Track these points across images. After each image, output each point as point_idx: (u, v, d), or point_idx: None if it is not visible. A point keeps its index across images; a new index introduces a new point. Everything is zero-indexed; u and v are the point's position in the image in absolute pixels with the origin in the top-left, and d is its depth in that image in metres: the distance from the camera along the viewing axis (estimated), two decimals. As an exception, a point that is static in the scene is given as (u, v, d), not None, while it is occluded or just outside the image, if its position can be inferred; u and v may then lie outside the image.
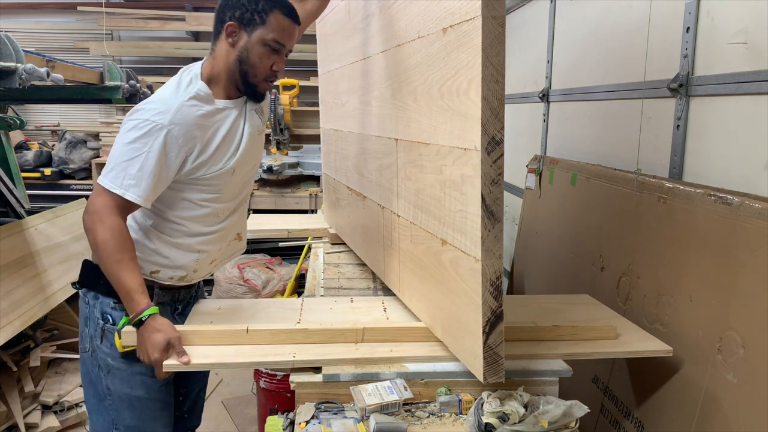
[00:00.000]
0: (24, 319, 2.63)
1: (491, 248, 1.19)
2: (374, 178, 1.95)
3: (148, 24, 5.82)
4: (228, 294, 4.42)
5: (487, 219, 1.18)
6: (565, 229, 2.53)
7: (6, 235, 2.90)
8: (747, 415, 1.37)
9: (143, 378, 1.62)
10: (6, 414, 2.70)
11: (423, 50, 1.43)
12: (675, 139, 1.90)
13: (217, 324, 1.62)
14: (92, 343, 1.63)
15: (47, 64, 2.71)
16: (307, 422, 1.33)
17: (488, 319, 1.22)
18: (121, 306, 1.58)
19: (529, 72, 3.43)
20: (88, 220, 1.48)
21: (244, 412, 3.33)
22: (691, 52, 1.82)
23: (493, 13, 1.11)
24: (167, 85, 1.58)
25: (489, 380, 1.26)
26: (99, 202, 1.47)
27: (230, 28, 1.56)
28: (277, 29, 1.55)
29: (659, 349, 1.52)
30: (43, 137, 5.93)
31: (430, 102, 1.40)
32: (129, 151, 1.47)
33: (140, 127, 1.47)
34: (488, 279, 1.20)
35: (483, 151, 1.16)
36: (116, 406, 1.63)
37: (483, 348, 1.23)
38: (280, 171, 4.87)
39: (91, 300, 1.63)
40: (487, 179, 1.17)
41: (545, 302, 1.84)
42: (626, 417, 1.80)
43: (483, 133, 1.15)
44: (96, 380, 1.64)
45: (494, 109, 1.15)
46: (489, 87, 1.14)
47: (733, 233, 1.47)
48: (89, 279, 1.64)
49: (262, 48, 1.56)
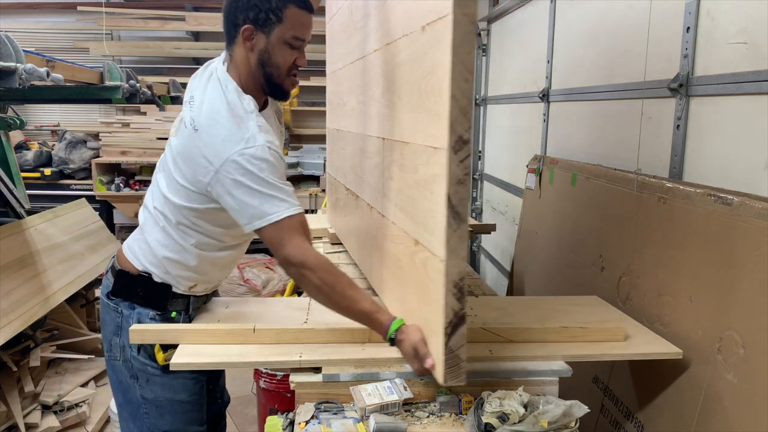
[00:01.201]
0: (24, 319, 2.63)
1: (456, 249, 1.17)
2: (366, 178, 1.95)
3: (148, 24, 5.82)
4: (228, 294, 4.42)
5: (452, 219, 1.16)
6: (565, 229, 2.53)
7: (6, 235, 2.90)
8: (747, 415, 1.37)
9: (185, 382, 1.63)
10: (6, 414, 2.70)
11: (407, 48, 1.42)
12: (675, 139, 1.90)
13: (224, 323, 1.62)
14: (124, 353, 1.62)
15: (47, 64, 2.71)
16: (306, 422, 1.33)
17: (450, 321, 1.20)
18: (161, 316, 1.61)
19: (529, 72, 3.43)
20: (295, 273, 1.43)
21: (244, 412, 3.33)
22: (691, 52, 1.82)
23: (464, 10, 1.10)
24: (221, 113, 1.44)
25: (448, 383, 1.25)
26: (288, 250, 1.40)
27: (246, 32, 1.47)
28: (296, 24, 1.48)
29: (668, 351, 1.52)
30: (43, 137, 5.93)
31: (411, 101, 1.39)
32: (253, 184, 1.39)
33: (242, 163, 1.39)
34: (451, 280, 1.18)
35: (450, 150, 1.14)
36: (154, 413, 1.63)
37: (444, 350, 1.22)
38: (280, 171, 4.87)
39: (125, 310, 1.61)
40: (453, 179, 1.15)
41: (553, 303, 1.84)
42: (626, 417, 1.80)
43: (450, 131, 1.14)
44: (128, 389, 1.64)
45: (462, 108, 1.13)
46: (458, 85, 1.12)
47: (733, 233, 1.47)
48: (126, 289, 1.62)
49: (283, 47, 1.49)
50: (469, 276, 2.33)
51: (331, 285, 1.41)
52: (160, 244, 1.58)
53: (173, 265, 1.59)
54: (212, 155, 1.41)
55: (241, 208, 1.42)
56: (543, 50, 3.12)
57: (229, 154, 1.39)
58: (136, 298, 1.60)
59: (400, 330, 1.39)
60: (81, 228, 3.62)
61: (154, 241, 1.59)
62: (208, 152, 1.42)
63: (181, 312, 1.65)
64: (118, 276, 1.63)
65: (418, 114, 1.34)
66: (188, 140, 1.46)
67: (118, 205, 5.38)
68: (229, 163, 1.39)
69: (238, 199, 1.41)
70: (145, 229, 1.63)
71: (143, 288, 1.60)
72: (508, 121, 3.92)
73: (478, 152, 4.64)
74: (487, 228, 3.11)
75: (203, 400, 1.73)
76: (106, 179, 5.35)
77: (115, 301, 1.63)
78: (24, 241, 3.00)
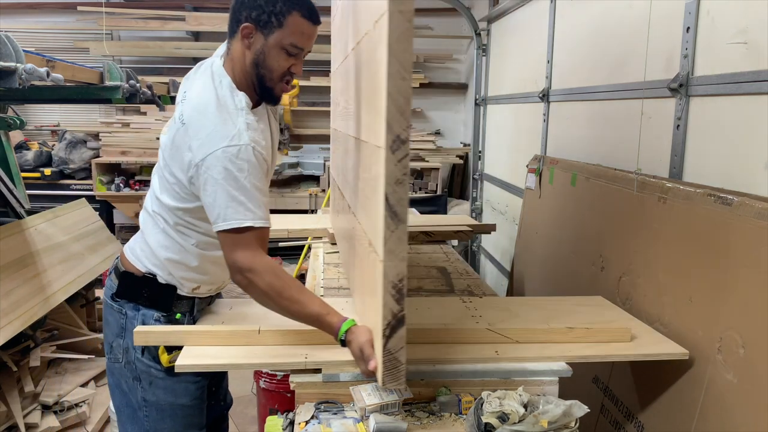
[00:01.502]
0: (24, 319, 2.63)
1: (394, 249, 1.16)
2: (348, 177, 1.95)
3: (148, 24, 5.81)
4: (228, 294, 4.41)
5: (390, 219, 1.14)
6: (565, 229, 2.53)
7: (6, 235, 2.90)
8: (747, 415, 1.37)
9: (187, 386, 1.63)
10: (6, 414, 2.70)
11: (366, 47, 1.41)
12: (675, 139, 1.90)
13: (229, 324, 1.61)
14: (127, 355, 1.61)
15: (47, 64, 2.71)
16: (306, 422, 1.33)
17: (389, 323, 1.19)
18: (166, 318, 1.60)
19: (529, 72, 3.43)
20: (242, 280, 1.41)
21: (244, 412, 3.33)
22: (691, 52, 1.82)
23: (400, 7, 1.08)
24: (209, 108, 1.44)
25: (387, 386, 1.23)
26: (239, 256, 1.39)
27: (246, 30, 1.46)
28: (296, 32, 1.46)
29: (675, 352, 1.52)
30: (43, 137, 5.93)
31: (368, 99, 1.39)
32: (228, 185, 1.38)
33: (223, 160, 1.37)
34: (390, 281, 1.17)
35: (387, 150, 1.13)
36: (154, 416, 1.63)
37: (383, 352, 1.20)
38: (280, 171, 4.87)
39: (129, 311, 1.61)
40: (391, 178, 1.13)
41: (558, 304, 1.83)
42: (626, 417, 1.80)
43: (388, 130, 1.12)
44: (129, 391, 1.64)
45: (400, 106, 1.11)
46: (394, 83, 1.10)
47: (733, 233, 1.47)
48: (130, 291, 1.61)
49: (279, 52, 1.47)
50: (468, 276, 2.33)
51: (278, 290, 1.39)
52: (161, 245, 1.58)
53: (175, 267, 1.59)
54: (196, 148, 1.41)
55: (211, 206, 1.40)
56: (543, 50, 3.12)
57: (212, 149, 1.38)
58: (141, 300, 1.60)
59: (350, 331, 1.37)
60: (81, 228, 3.62)
61: (155, 243, 1.59)
62: (193, 145, 1.41)
63: (186, 314, 1.65)
64: (123, 277, 1.63)
65: (370, 113, 1.33)
66: (176, 135, 1.46)
67: (118, 205, 5.38)
68: (211, 159, 1.38)
69: (210, 195, 1.40)
70: (145, 232, 1.62)
71: (148, 289, 1.59)
72: (508, 121, 3.92)
73: (478, 152, 4.64)
74: (487, 228, 3.11)
75: (204, 405, 1.72)
76: (106, 179, 5.35)
77: (120, 303, 1.62)
78: (24, 241, 3.00)
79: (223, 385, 1.99)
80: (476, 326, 1.57)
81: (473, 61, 4.70)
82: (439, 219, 3.38)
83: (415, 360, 1.43)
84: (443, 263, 2.50)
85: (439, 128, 6.06)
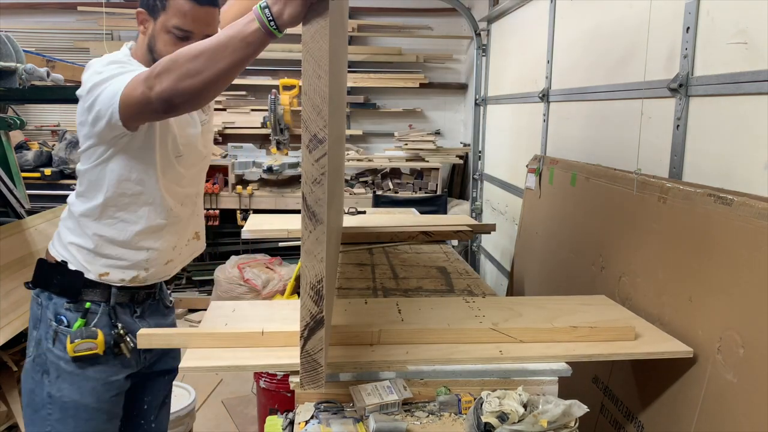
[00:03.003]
0: (24, 319, 2.62)
1: (312, 250, 1.14)
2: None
3: (148, 24, 5.82)
4: (228, 294, 4.42)
5: (308, 219, 1.13)
6: (565, 229, 2.53)
7: (6, 235, 2.90)
8: (747, 415, 1.37)
9: (95, 385, 1.58)
10: (6, 414, 2.70)
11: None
12: (675, 139, 1.90)
13: (232, 326, 1.61)
14: (39, 347, 1.58)
15: (47, 64, 2.71)
16: (306, 422, 1.33)
17: (307, 324, 1.18)
18: (75, 307, 1.56)
19: (529, 72, 3.43)
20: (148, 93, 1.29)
21: (244, 412, 3.33)
22: (691, 52, 1.82)
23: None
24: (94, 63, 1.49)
25: (306, 388, 1.23)
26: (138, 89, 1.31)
27: (140, 15, 1.52)
28: (179, 14, 1.46)
29: (679, 350, 1.51)
30: (43, 137, 5.93)
31: None
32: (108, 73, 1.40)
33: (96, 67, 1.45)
34: (308, 282, 1.16)
35: (305, 149, 1.12)
36: (56, 415, 1.56)
37: (301, 353, 1.20)
38: (280, 171, 4.87)
39: (44, 301, 1.58)
40: (308, 178, 1.12)
41: (561, 303, 1.83)
42: (626, 417, 1.80)
43: (305, 130, 1.12)
44: (35, 387, 1.58)
45: (316, 105, 1.10)
46: (310, 83, 1.09)
47: (733, 233, 1.47)
48: (43, 278, 1.59)
49: (166, 35, 1.48)
50: (468, 276, 2.33)
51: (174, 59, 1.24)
52: (66, 228, 1.60)
53: (77, 250, 1.58)
54: (84, 89, 1.45)
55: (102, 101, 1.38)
56: (543, 50, 3.12)
57: (92, 70, 1.45)
58: (53, 288, 1.57)
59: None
60: (81, 228, 3.62)
61: (64, 228, 1.62)
62: (81, 92, 1.46)
63: (100, 303, 1.59)
64: (38, 265, 1.61)
65: None
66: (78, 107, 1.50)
67: (118, 205, 5.38)
68: (89, 77, 1.43)
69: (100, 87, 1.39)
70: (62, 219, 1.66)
71: (59, 276, 1.56)
72: (508, 121, 3.92)
73: (478, 152, 4.64)
74: (487, 228, 3.11)
75: (115, 417, 1.65)
76: (106, 179, 5.35)
77: (37, 292, 1.60)
78: (24, 241, 3.00)
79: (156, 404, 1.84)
80: (480, 326, 1.57)
81: (473, 61, 4.71)
82: (439, 219, 3.38)
83: (420, 360, 1.44)
84: (443, 263, 2.51)
85: (439, 128, 6.06)
